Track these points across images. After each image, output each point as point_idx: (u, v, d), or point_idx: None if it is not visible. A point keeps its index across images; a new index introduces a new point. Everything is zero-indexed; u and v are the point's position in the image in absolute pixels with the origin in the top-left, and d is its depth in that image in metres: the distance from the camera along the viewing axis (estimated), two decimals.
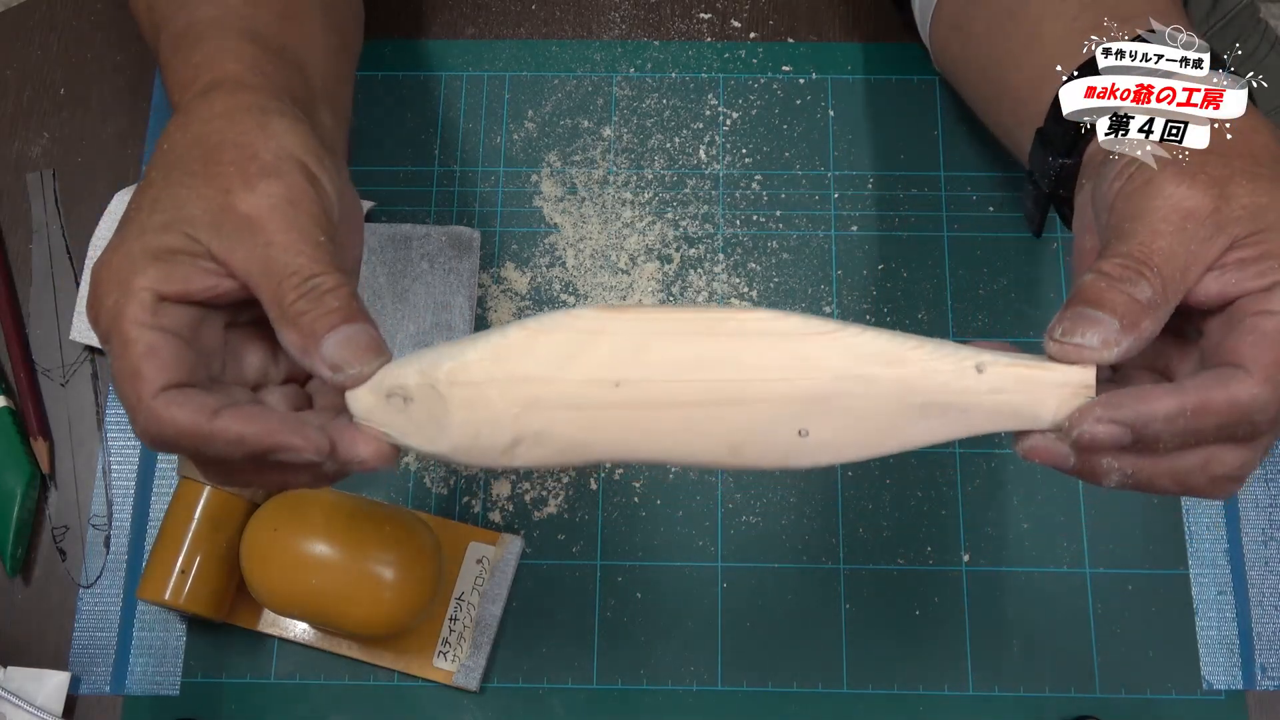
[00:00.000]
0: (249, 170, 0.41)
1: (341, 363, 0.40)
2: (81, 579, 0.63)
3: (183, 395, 0.39)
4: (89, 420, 0.65)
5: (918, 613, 0.62)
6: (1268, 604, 0.62)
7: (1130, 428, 0.38)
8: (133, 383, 0.39)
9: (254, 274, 0.40)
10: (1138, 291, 0.38)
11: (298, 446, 0.39)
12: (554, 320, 0.39)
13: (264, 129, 0.42)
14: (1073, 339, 0.38)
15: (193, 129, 0.43)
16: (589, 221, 0.69)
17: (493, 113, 0.71)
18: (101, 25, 0.73)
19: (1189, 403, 0.37)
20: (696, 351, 0.39)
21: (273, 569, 0.56)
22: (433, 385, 0.39)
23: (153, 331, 0.39)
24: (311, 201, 0.41)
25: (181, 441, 0.39)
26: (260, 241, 0.40)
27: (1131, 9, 0.48)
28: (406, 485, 0.64)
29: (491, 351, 0.39)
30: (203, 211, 0.40)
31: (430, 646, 0.61)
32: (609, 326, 0.39)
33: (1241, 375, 0.37)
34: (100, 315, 0.40)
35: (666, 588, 0.63)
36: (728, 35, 0.73)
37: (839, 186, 0.70)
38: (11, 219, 0.69)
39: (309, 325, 0.40)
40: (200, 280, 0.40)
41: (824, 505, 0.64)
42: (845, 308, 0.67)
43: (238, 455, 0.39)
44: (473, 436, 0.40)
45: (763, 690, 0.61)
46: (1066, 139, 0.47)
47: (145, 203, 0.41)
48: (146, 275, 0.39)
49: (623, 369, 0.39)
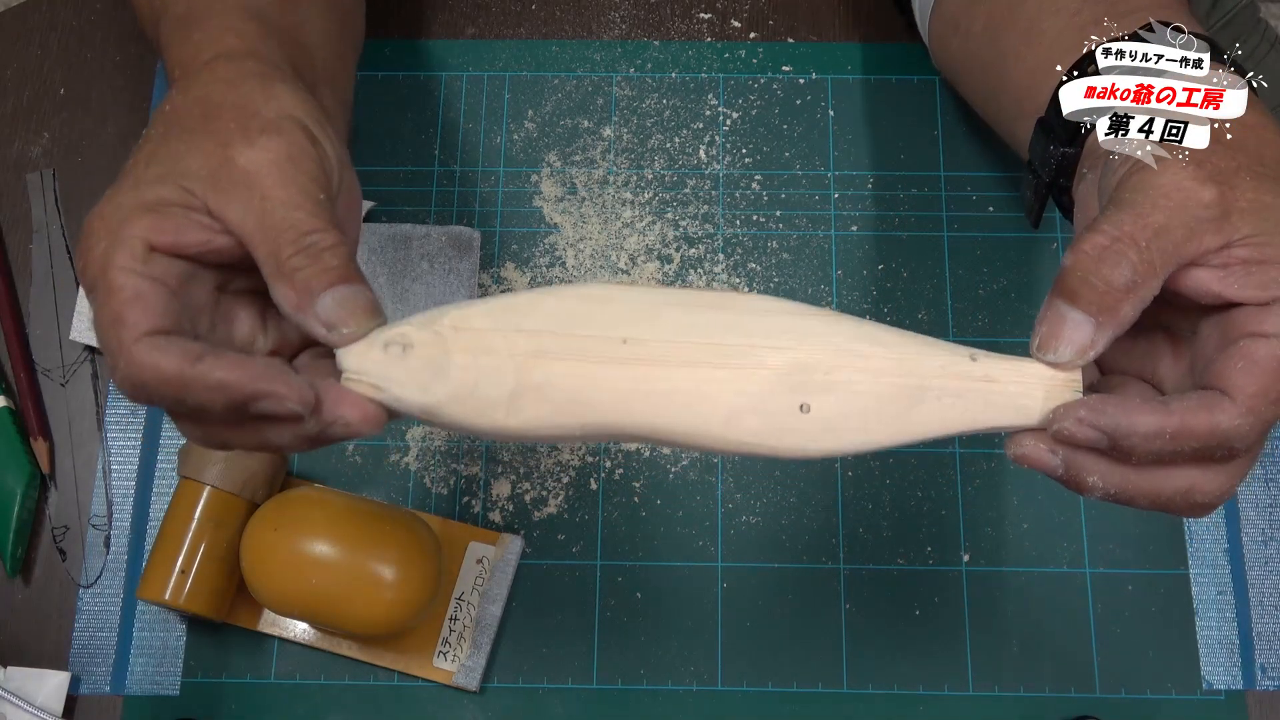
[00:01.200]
0: (250, 127, 0.40)
1: (337, 321, 0.39)
2: (81, 579, 0.63)
3: (166, 341, 0.38)
4: (89, 420, 0.65)
5: (918, 613, 0.62)
6: (1268, 604, 0.62)
7: (1109, 435, 0.38)
8: (115, 328, 0.38)
9: (250, 228, 0.39)
10: (1116, 276, 0.38)
11: (281, 394, 0.38)
12: (563, 288, 0.40)
13: (266, 90, 0.42)
14: (1048, 355, 0.39)
15: (194, 91, 0.42)
16: (589, 221, 0.69)
17: (493, 113, 0.71)
18: (101, 25, 0.73)
19: (1170, 425, 0.37)
20: (704, 319, 0.40)
21: (273, 569, 0.56)
22: (435, 331, 0.39)
23: (140, 278, 0.38)
24: (312, 160, 0.41)
25: (163, 389, 0.38)
26: (257, 195, 0.39)
27: (1132, 4, 0.48)
28: (406, 485, 0.64)
29: (500, 305, 0.39)
30: (200, 165, 0.40)
31: (430, 646, 0.61)
32: (618, 295, 0.40)
33: (1226, 403, 0.38)
34: (88, 263, 0.39)
35: (666, 588, 0.63)
36: (728, 35, 0.73)
37: (839, 186, 0.70)
38: (11, 219, 0.69)
39: (305, 281, 0.39)
40: (193, 233, 0.39)
41: (824, 505, 0.64)
42: (845, 308, 0.67)
43: (219, 404, 0.38)
44: (472, 385, 0.39)
45: (763, 690, 0.61)
46: (1068, 129, 0.47)
47: (142, 157, 0.41)
48: (138, 224, 0.39)
49: (631, 328, 0.39)
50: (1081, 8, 0.49)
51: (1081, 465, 0.40)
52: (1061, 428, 0.38)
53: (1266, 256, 0.38)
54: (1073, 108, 0.44)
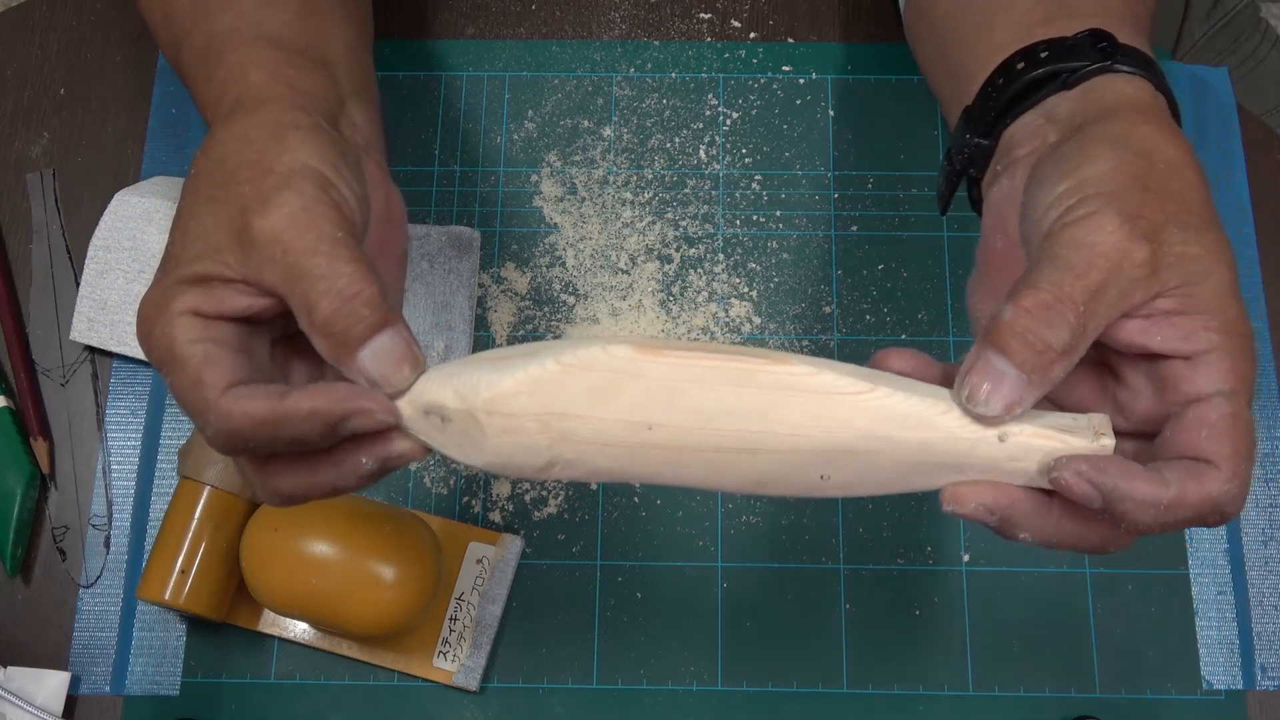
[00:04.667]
0: (263, 187, 0.41)
1: (379, 379, 0.40)
2: (81, 579, 0.63)
3: (247, 389, 0.40)
4: (89, 420, 0.65)
5: (918, 613, 0.62)
6: (1268, 604, 0.62)
7: (1104, 496, 0.38)
8: (197, 391, 0.40)
9: (281, 286, 0.40)
10: (1054, 337, 0.38)
11: (370, 409, 0.39)
12: (590, 356, 0.39)
13: (279, 143, 0.43)
14: (976, 407, 0.39)
15: (214, 151, 0.43)
16: (589, 221, 0.69)
17: (493, 113, 0.71)
18: (101, 25, 0.73)
19: (1167, 496, 0.38)
20: (728, 404, 0.39)
21: (273, 569, 0.56)
22: (470, 412, 0.40)
23: (205, 344, 0.40)
24: (327, 205, 0.41)
25: (258, 431, 0.39)
26: (279, 251, 0.40)
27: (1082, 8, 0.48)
28: (406, 485, 0.64)
29: (529, 384, 0.39)
30: (227, 237, 0.41)
31: (430, 646, 0.61)
32: (644, 370, 0.39)
33: (1213, 471, 0.38)
34: (152, 344, 0.41)
35: (666, 588, 0.63)
36: (728, 35, 0.73)
37: (839, 186, 0.70)
38: (11, 219, 0.69)
39: (341, 335, 0.40)
40: (236, 301, 0.41)
41: (824, 505, 0.64)
42: (845, 308, 0.67)
43: (315, 432, 0.39)
44: (508, 458, 0.41)
45: (763, 690, 0.61)
46: (986, 121, 0.47)
47: (177, 236, 0.42)
48: (185, 300, 0.40)
49: (656, 413, 0.39)
50: (1035, 6, 0.49)
51: (1017, 524, 0.40)
52: (1060, 476, 0.39)
53: (1187, 307, 0.39)
54: (994, 101, 0.45)
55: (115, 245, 0.65)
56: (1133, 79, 0.44)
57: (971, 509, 0.40)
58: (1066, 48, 0.45)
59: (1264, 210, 0.69)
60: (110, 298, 0.65)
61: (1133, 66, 0.45)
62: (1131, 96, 0.44)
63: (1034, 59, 0.46)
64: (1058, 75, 0.45)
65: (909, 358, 0.42)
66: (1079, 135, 0.42)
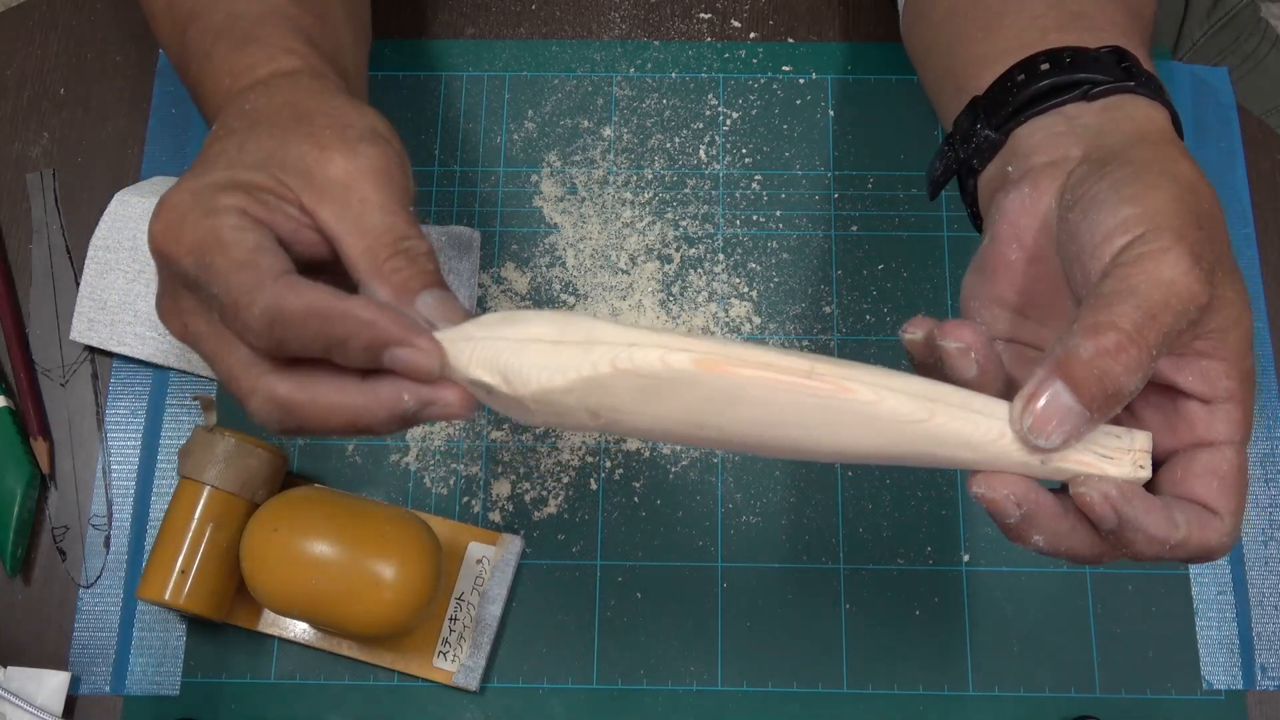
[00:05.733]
0: (347, 135, 0.41)
1: (437, 319, 0.40)
2: (81, 579, 0.63)
3: (303, 279, 0.38)
4: (89, 420, 0.65)
5: (918, 613, 0.62)
6: (1268, 604, 0.62)
7: (1122, 522, 0.39)
8: (248, 271, 0.38)
9: (345, 229, 0.40)
10: (1126, 382, 0.38)
11: (424, 346, 0.38)
12: (648, 360, 0.38)
13: (356, 107, 0.43)
14: (1038, 440, 0.38)
15: (281, 95, 0.43)
16: (589, 221, 0.69)
17: (493, 113, 0.72)
18: (101, 25, 0.73)
19: (1175, 538, 0.39)
20: (787, 418, 0.39)
21: (273, 569, 0.56)
22: (518, 399, 0.39)
23: (255, 233, 0.39)
24: (404, 175, 0.42)
25: (306, 323, 0.38)
26: (355, 198, 0.40)
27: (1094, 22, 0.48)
28: (406, 485, 0.64)
29: (581, 384, 0.39)
30: (296, 160, 0.40)
31: (430, 646, 0.61)
32: (702, 380, 0.39)
33: (1217, 522, 0.40)
34: (184, 231, 0.39)
35: (666, 588, 0.63)
36: (728, 35, 0.73)
37: (839, 186, 0.70)
38: (11, 219, 0.69)
39: (403, 282, 0.40)
40: (284, 221, 0.40)
41: (824, 505, 0.64)
42: (845, 308, 0.67)
43: (359, 344, 0.38)
44: (553, 425, 0.41)
45: (763, 690, 0.61)
46: (1001, 114, 0.47)
47: (231, 144, 0.41)
48: (234, 197, 0.39)
49: (710, 417, 0.39)
50: (1046, 12, 0.49)
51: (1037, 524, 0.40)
52: (1086, 493, 0.39)
53: (1217, 352, 0.40)
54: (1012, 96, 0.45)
55: (115, 245, 0.65)
56: (1154, 105, 0.44)
57: (1001, 495, 0.40)
58: (1091, 59, 0.45)
59: (1264, 210, 0.69)
60: (110, 298, 0.65)
61: (1152, 93, 0.45)
62: (1159, 124, 0.44)
63: (1059, 63, 0.46)
64: (1080, 84, 0.45)
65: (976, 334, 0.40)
66: (1124, 161, 0.41)
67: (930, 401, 0.39)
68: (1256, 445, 0.64)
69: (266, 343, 0.38)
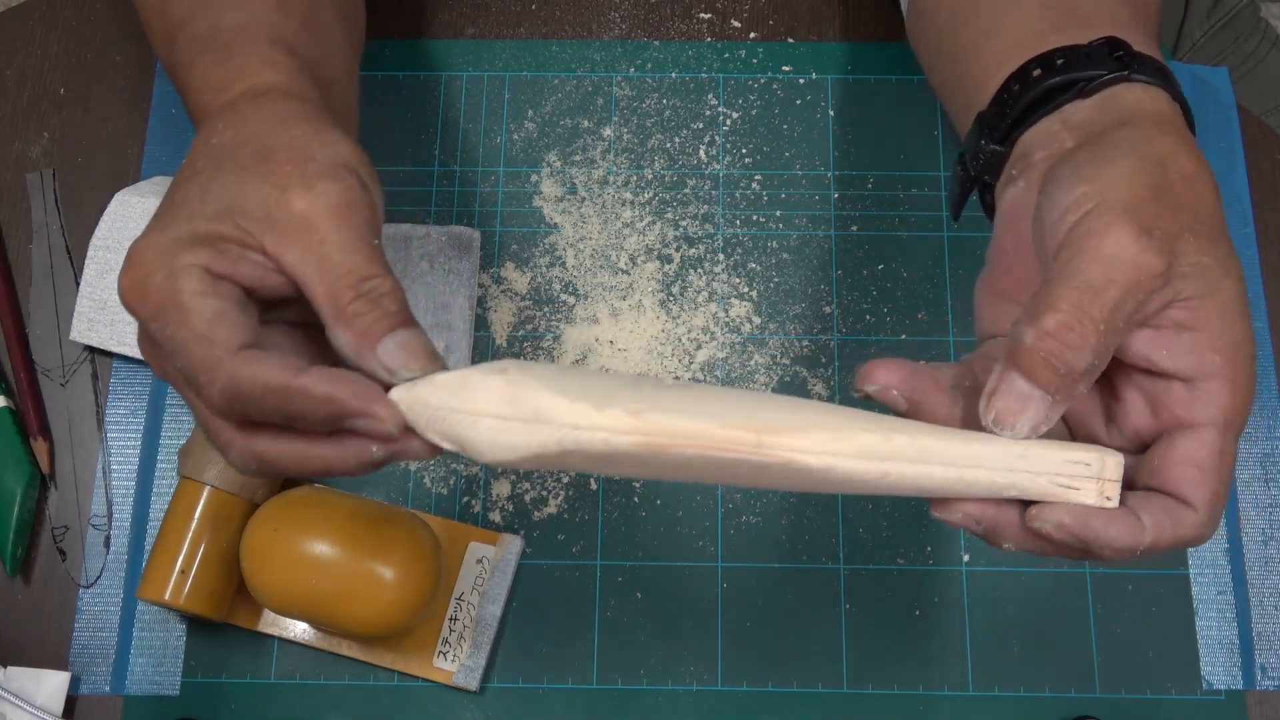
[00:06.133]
0: (306, 171, 0.41)
1: (399, 365, 0.40)
2: (81, 579, 0.63)
3: (263, 354, 0.39)
4: (89, 420, 0.65)
5: (918, 613, 0.62)
6: (1268, 604, 0.62)
7: (1084, 544, 0.39)
8: (204, 346, 0.39)
9: (308, 272, 0.40)
10: (1078, 360, 0.38)
11: (382, 416, 0.39)
12: (592, 444, 0.39)
13: (320, 135, 0.43)
14: (1004, 432, 0.39)
15: (245, 127, 0.43)
16: (589, 221, 0.69)
17: (493, 113, 0.71)
18: (101, 25, 0.73)
19: (1144, 543, 0.39)
20: (735, 474, 0.40)
21: (273, 569, 0.56)
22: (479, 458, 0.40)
23: (216, 299, 0.39)
24: (366, 207, 0.41)
25: (264, 400, 0.38)
26: (316, 239, 0.40)
27: (1090, 18, 0.48)
28: (406, 485, 0.64)
29: (534, 459, 0.39)
30: (256, 206, 0.40)
31: (430, 646, 0.61)
32: (647, 457, 0.39)
33: (1189, 513, 0.39)
34: (148, 293, 0.39)
35: (666, 588, 0.63)
36: (728, 35, 0.73)
37: (839, 186, 0.70)
38: (11, 219, 0.69)
39: (366, 326, 0.40)
40: (248, 268, 0.40)
41: (824, 505, 0.64)
42: (845, 308, 0.67)
43: (319, 416, 0.39)
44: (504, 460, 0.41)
45: (763, 690, 0.61)
46: (1001, 127, 0.47)
47: (194, 190, 0.41)
48: (197, 254, 0.39)
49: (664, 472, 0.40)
50: (1044, 13, 0.49)
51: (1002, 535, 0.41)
52: (1039, 526, 0.39)
53: (1197, 322, 0.39)
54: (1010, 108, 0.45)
55: (115, 245, 0.65)
56: (1149, 89, 0.44)
57: (959, 518, 0.40)
58: (1083, 55, 0.45)
59: (1264, 210, 0.69)
60: (110, 298, 0.65)
61: (1149, 76, 0.45)
62: (1149, 106, 0.44)
63: (1050, 66, 0.46)
64: (1074, 84, 0.45)
65: (894, 370, 0.41)
66: (1096, 142, 0.42)
67: (882, 461, 0.39)
68: (1256, 445, 0.64)
69: (230, 415, 0.40)
